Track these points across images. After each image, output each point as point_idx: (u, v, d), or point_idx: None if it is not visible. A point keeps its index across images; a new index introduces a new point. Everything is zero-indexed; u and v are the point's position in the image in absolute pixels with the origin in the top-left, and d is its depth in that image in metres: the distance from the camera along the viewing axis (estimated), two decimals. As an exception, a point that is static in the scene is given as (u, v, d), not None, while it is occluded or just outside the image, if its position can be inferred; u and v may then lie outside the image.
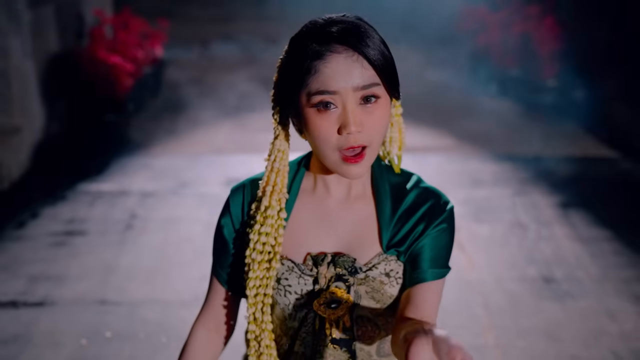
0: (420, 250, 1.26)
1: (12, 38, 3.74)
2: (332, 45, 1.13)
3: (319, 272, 1.26)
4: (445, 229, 1.27)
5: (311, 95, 1.14)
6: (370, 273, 1.26)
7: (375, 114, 1.15)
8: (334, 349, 1.29)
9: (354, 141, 1.13)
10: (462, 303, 2.70)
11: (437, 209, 1.26)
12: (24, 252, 3.06)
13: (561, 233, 3.25)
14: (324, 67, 1.13)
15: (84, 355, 2.39)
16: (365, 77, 1.12)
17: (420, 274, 1.26)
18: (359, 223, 1.28)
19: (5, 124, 3.80)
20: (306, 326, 1.29)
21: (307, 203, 1.29)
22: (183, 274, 2.88)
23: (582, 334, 2.52)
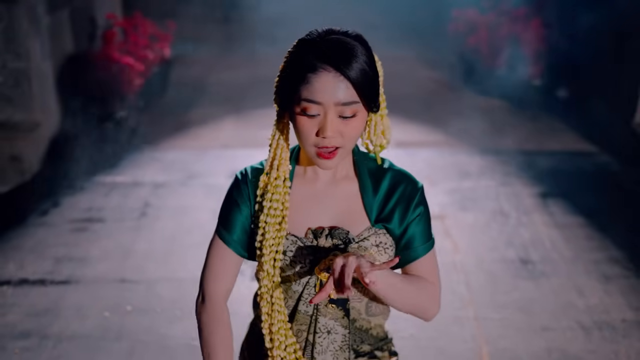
0: (411, 237, 1.55)
1: (32, 40, 4.02)
2: (324, 64, 1.42)
3: (319, 243, 1.55)
4: (424, 212, 1.56)
5: (300, 100, 1.41)
6: (363, 244, 1.55)
7: (350, 125, 1.43)
8: (332, 308, 1.57)
9: (328, 143, 1.41)
10: (446, 281, 2.97)
11: (412, 193, 1.55)
12: (48, 237, 3.34)
13: (539, 220, 3.54)
14: (315, 80, 1.39)
15: (107, 326, 2.68)
16: (347, 95, 1.39)
17: (414, 252, 1.55)
18: (346, 200, 1.57)
19: (26, 120, 4.08)
20: (308, 289, 1.56)
21: (300, 186, 1.57)
22: (194, 256, 3.16)
23: (553, 308, 2.81)
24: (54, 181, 3.93)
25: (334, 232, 1.54)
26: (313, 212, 1.56)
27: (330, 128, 1.39)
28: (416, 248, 1.55)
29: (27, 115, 4.07)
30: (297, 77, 1.39)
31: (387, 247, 1.55)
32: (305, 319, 1.58)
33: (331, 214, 1.57)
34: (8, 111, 4.07)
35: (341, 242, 1.53)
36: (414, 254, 1.55)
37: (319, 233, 1.54)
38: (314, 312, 1.57)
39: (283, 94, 1.47)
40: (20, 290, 2.89)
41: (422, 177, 3.96)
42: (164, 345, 2.56)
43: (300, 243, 1.54)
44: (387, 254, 1.56)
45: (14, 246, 3.24)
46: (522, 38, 5.20)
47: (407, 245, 1.55)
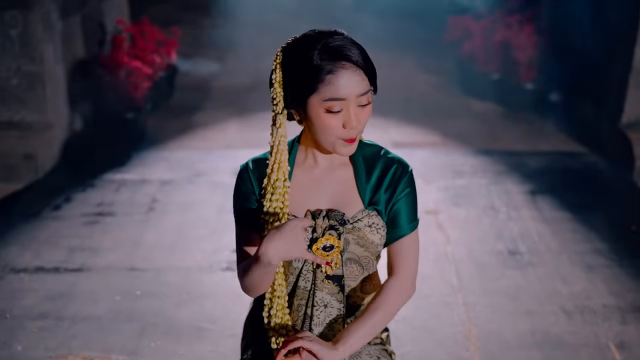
0: (396, 213, 1.74)
1: (46, 45, 4.21)
2: (341, 62, 1.58)
3: (317, 224, 1.72)
4: (410, 191, 1.74)
5: (324, 100, 1.57)
6: (357, 224, 1.73)
7: (365, 111, 1.62)
8: (328, 284, 1.75)
9: (354, 133, 1.60)
10: (438, 271, 3.16)
11: (401, 174, 1.73)
12: (61, 229, 3.53)
13: (528, 215, 3.71)
14: (335, 79, 1.56)
15: (119, 309, 2.85)
16: (363, 85, 1.57)
17: (400, 230, 1.74)
18: (342, 184, 1.75)
19: (40, 121, 4.27)
20: (307, 266, 1.74)
21: (301, 172, 1.75)
22: (200, 247, 3.35)
23: (538, 294, 2.98)
24: (65, 179, 4.12)
25: (331, 213, 1.72)
26: (312, 196, 1.74)
27: (355, 119, 1.57)
28: (401, 227, 1.73)
29: (40, 116, 4.27)
30: (315, 79, 1.53)
31: (379, 227, 1.73)
32: (304, 294, 1.76)
33: (328, 198, 1.75)
34: (22, 112, 4.27)
35: (337, 222, 1.71)
36: (400, 232, 1.73)
37: (317, 214, 1.72)
38: (311, 287, 1.75)
39: (294, 96, 1.63)
40: (37, 277, 3.08)
41: (418, 175, 4.15)
42: (172, 326, 2.73)
43: None
44: (379, 234, 1.74)
45: (29, 237, 3.43)
46: (515, 44, 5.38)
47: (393, 223, 1.73)
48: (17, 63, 4.18)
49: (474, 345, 2.62)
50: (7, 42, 4.13)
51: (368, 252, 1.77)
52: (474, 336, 2.68)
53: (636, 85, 4.27)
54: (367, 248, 1.76)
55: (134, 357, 2.53)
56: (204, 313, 2.81)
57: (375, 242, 1.75)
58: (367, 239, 1.74)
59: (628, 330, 2.72)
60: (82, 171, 4.20)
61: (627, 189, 4.10)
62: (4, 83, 4.22)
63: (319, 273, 1.75)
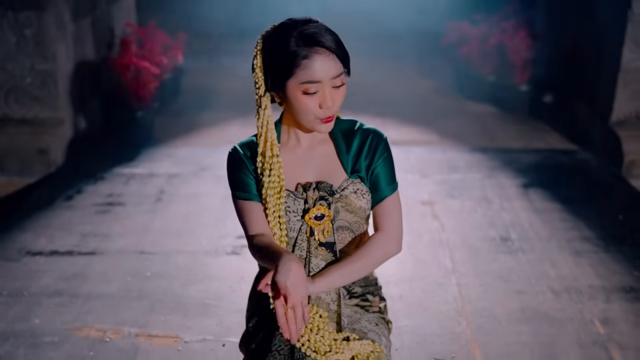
0: (376, 177, 1.91)
1: (59, 45, 4.40)
2: (315, 47, 1.75)
3: (308, 196, 1.89)
4: (387, 156, 1.91)
5: (300, 83, 1.74)
6: (343, 193, 1.89)
7: (340, 92, 1.78)
8: (322, 250, 1.92)
9: (330, 112, 1.77)
10: (432, 255, 3.32)
11: (377, 142, 1.90)
12: (74, 217, 3.69)
13: (520, 206, 3.87)
14: (310, 63, 1.73)
15: (130, 288, 3.01)
16: (337, 68, 1.74)
17: (382, 193, 1.91)
18: (325, 159, 1.92)
19: (52, 117, 4.45)
20: (302, 235, 1.90)
21: (286, 152, 1.91)
22: (205, 233, 3.51)
23: (528, 276, 3.13)
24: (77, 172, 4.29)
25: (320, 185, 1.88)
26: (299, 172, 1.90)
27: (330, 99, 1.74)
28: (382, 189, 1.90)
29: (52, 113, 4.45)
30: (291, 64, 1.67)
31: (364, 192, 1.90)
32: (300, 262, 1.93)
33: (315, 172, 1.91)
34: (35, 109, 4.45)
35: (326, 193, 1.87)
36: (381, 194, 1.90)
37: (307, 187, 1.88)
38: (307, 255, 1.91)
39: (273, 80, 1.79)
40: (52, 259, 3.24)
41: (415, 170, 4.32)
42: (180, 303, 2.88)
43: (292, 196, 1.88)
44: (365, 199, 1.90)
45: (44, 224, 3.59)
46: (510, 48, 5.56)
47: (374, 187, 1.89)
48: (31, 62, 4.36)
49: (466, 320, 2.77)
50: (22, 41, 4.32)
51: (357, 217, 1.93)
52: (467, 312, 2.83)
53: (624, 84, 4.44)
54: (356, 213, 1.92)
55: (145, 329, 2.69)
56: (210, 292, 2.97)
57: (363, 207, 1.92)
58: (354, 205, 1.90)
59: (612, 307, 2.87)
60: (93, 165, 4.37)
61: (616, 183, 4.26)
62: (18, 81, 4.40)
63: (313, 241, 1.91)
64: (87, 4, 4.87)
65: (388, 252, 1.95)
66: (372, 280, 2.13)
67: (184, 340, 2.62)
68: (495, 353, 2.56)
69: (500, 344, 2.61)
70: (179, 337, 2.64)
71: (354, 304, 2.07)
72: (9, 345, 2.58)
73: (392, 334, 2.57)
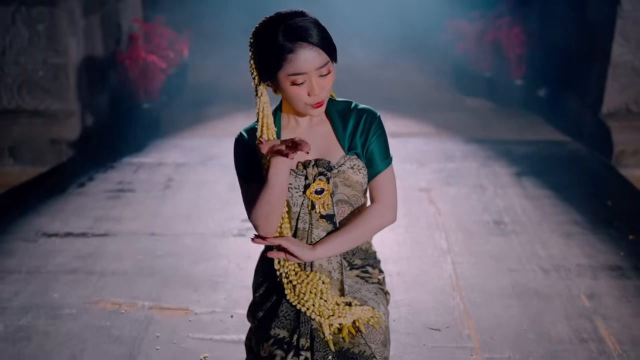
0: (371, 153, 2.08)
1: (70, 39, 4.57)
2: (299, 42, 1.94)
3: (308, 172, 2.07)
4: (381, 134, 2.09)
5: (288, 75, 1.92)
6: (341, 168, 2.07)
7: (327, 79, 1.96)
8: (323, 222, 2.09)
9: (319, 99, 1.94)
10: (429, 237, 3.49)
11: (371, 120, 2.08)
12: (87, 203, 3.86)
13: (513, 192, 4.04)
14: (295, 57, 1.91)
15: (142, 266, 3.18)
16: (321, 59, 1.91)
17: (376, 167, 2.09)
18: (323, 138, 2.10)
19: (63, 109, 4.62)
20: (304, 209, 2.08)
21: (287, 133, 2.09)
22: (213, 217, 3.68)
23: (519, 256, 3.30)
24: (87, 161, 4.47)
25: (319, 162, 2.06)
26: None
27: (318, 88, 1.92)
28: (377, 164, 2.08)
29: (64, 105, 4.62)
30: (279, 58, 1.84)
31: (360, 168, 2.08)
32: (303, 234, 2.09)
33: (314, 150, 2.09)
34: (47, 101, 4.62)
35: (325, 169, 2.05)
36: (376, 168, 2.08)
37: (307, 164, 2.06)
38: (309, 227, 2.08)
39: (265, 72, 1.97)
40: (67, 240, 3.41)
41: (413, 160, 4.49)
42: (190, 279, 3.06)
43: (293, 173, 2.06)
44: (361, 173, 2.08)
45: (58, 209, 3.76)
46: (505, 44, 5.73)
47: (369, 162, 2.07)
48: (43, 56, 4.54)
49: (460, 294, 2.94)
50: (35, 36, 4.49)
51: (355, 191, 2.11)
52: (460, 288, 3.00)
53: (614, 78, 4.62)
54: (354, 187, 2.10)
55: (157, 303, 2.86)
56: (218, 269, 3.14)
57: (360, 181, 2.10)
58: (352, 179, 2.08)
59: (598, 284, 3.04)
60: (103, 155, 4.55)
61: (606, 172, 4.43)
62: (30, 74, 4.58)
63: (314, 214, 2.09)
64: (97, 1, 5.05)
65: (384, 221, 2.13)
66: (372, 254, 2.30)
67: (194, 312, 2.79)
68: (487, 324, 2.73)
69: (491, 316, 2.78)
70: (189, 309, 2.81)
71: (354, 275, 2.24)
72: (30, 317, 2.75)
73: (391, 307, 2.75)
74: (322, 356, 1.99)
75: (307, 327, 2.02)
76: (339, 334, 2.03)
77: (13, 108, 4.62)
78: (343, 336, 2.02)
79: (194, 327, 2.68)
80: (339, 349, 2.01)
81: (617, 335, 2.65)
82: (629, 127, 4.61)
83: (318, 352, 1.99)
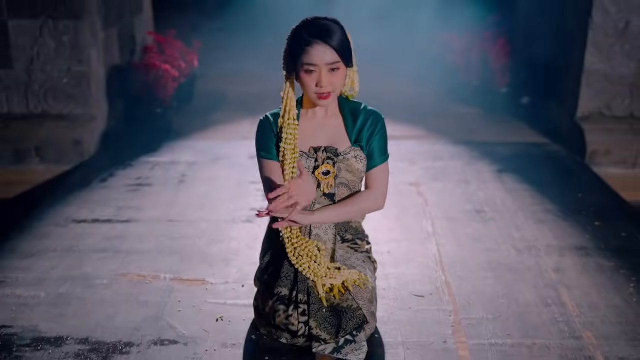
0: (373, 149, 2.54)
1: (92, 50, 5.02)
2: (317, 39, 2.39)
3: (317, 156, 2.52)
4: (383, 133, 2.54)
5: (303, 65, 2.39)
6: (346, 156, 2.52)
7: (336, 76, 2.41)
8: (325, 199, 2.53)
9: (325, 90, 2.38)
10: (417, 224, 3.90)
11: (377, 121, 2.53)
12: (110, 195, 4.28)
13: (494, 187, 4.47)
14: (311, 49, 2.38)
15: (163, 245, 3.59)
16: (332, 57, 2.37)
17: (375, 161, 2.54)
18: (334, 129, 2.55)
19: (86, 113, 5.06)
20: None
21: (304, 122, 2.54)
22: (224, 206, 4.10)
23: (496, 238, 3.71)
24: (108, 160, 4.89)
25: (328, 148, 2.51)
26: (313, 137, 2.54)
27: (324, 80, 2.37)
28: (375, 159, 2.54)
29: (86, 109, 5.06)
30: (299, 50, 2.35)
31: (362, 158, 2.53)
32: (307, 207, 2.53)
33: (325, 138, 2.54)
34: (71, 106, 5.06)
35: (332, 155, 2.51)
36: (374, 162, 2.54)
37: (318, 149, 2.51)
38: (313, 202, 2.52)
39: (289, 62, 2.43)
40: (94, 226, 3.83)
41: (405, 159, 4.92)
42: (205, 257, 3.46)
43: (305, 156, 2.50)
44: (362, 163, 2.53)
45: (84, 200, 4.19)
46: (491, 55, 6.19)
47: (370, 155, 2.53)
48: (67, 65, 4.98)
49: (442, 269, 3.36)
50: (60, 47, 4.94)
51: (355, 177, 2.57)
52: (443, 263, 3.41)
53: (588, 85, 5.07)
54: (354, 174, 2.55)
55: (178, 275, 3.27)
56: (230, 249, 3.55)
57: (360, 169, 2.55)
58: (354, 167, 2.54)
59: (565, 260, 3.46)
60: (121, 155, 4.98)
61: (580, 169, 4.87)
62: (56, 82, 5.02)
63: (319, 191, 2.54)
64: (115, 16, 5.51)
65: (373, 205, 2.58)
66: (361, 231, 2.76)
67: (210, 282, 3.20)
68: (465, 292, 3.14)
69: (469, 286, 3.19)
70: (206, 280, 3.22)
71: (345, 246, 2.68)
72: (68, 286, 3.16)
73: (381, 279, 3.18)
74: (317, 308, 2.42)
75: (305, 285, 2.45)
76: (331, 293, 2.46)
77: (39, 112, 5.06)
78: (334, 294, 2.45)
79: (210, 295, 3.09)
80: (330, 305, 2.44)
81: (576, 300, 3.06)
82: (602, 129, 5.05)
83: (314, 304, 2.42)
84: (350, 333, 2.43)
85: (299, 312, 2.43)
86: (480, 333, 2.79)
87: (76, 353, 2.63)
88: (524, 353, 2.66)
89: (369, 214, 2.67)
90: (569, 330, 2.82)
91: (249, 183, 4.43)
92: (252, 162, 4.80)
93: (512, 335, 2.78)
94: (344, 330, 2.40)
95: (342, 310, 2.45)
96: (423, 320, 2.87)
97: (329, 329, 2.40)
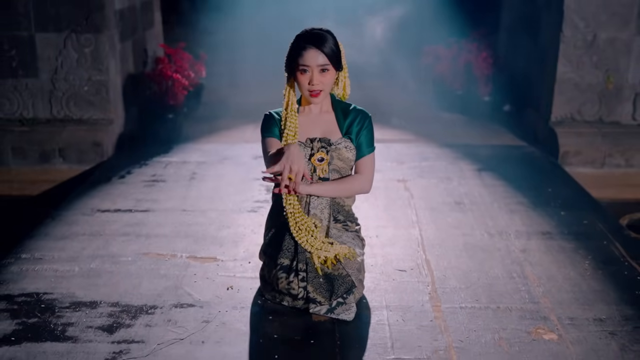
0: (361, 141, 3.05)
1: (110, 60, 5.54)
2: (310, 45, 2.91)
3: (313, 145, 3.03)
4: (370, 128, 3.06)
5: (298, 65, 2.91)
6: (338, 146, 3.04)
7: (326, 77, 2.93)
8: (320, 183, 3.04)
9: (315, 88, 2.91)
10: (402, 213, 4.39)
11: (365, 118, 3.05)
12: (129, 189, 4.78)
13: (473, 183, 4.96)
14: (305, 54, 2.91)
15: (178, 230, 4.07)
16: (323, 60, 2.89)
17: (363, 151, 3.06)
18: (328, 123, 3.07)
19: (104, 118, 5.57)
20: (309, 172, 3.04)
21: (302, 117, 3.05)
22: (230, 198, 4.59)
23: (472, 225, 4.20)
24: (124, 160, 5.39)
25: (322, 139, 3.03)
26: (310, 129, 3.05)
27: (315, 79, 2.90)
28: (363, 150, 3.05)
29: (104, 114, 5.57)
30: (296, 54, 2.88)
31: (352, 148, 3.04)
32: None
33: (320, 130, 3.06)
34: (91, 112, 5.56)
35: (326, 144, 3.02)
36: (362, 152, 3.05)
37: (313, 139, 3.02)
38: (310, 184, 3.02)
39: (289, 64, 2.95)
40: (117, 214, 4.32)
41: (393, 160, 5.43)
42: (216, 239, 3.94)
43: (302, 145, 3.02)
44: (351, 152, 3.04)
45: (106, 193, 4.68)
46: (475, 66, 6.72)
47: (359, 147, 3.04)
48: (88, 74, 5.49)
49: (423, 250, 3.84)
50: (82, 57, 5.46)
51: (345, 165, 3.08)
52: (424, 245, 3.90)
53: (560, 93, 5.59)
54: (345, 162, 3.07)
55: (193, 254, 3.75)
56: (237, 233, 4.04)
57: (349, 158, 3.07)
58: (344, 155, 3.05)
59: (530, 242, 3.94)
60: (137, 155, 5.48)
61: (552, 168, 5.37)
62: (77, 89, 5.53)
63: (314, 176, 3.04)
64: (129, 30, 6.03)
65: (361, 186, 3.10)
66: (352, 214, 3.27)
67: (221, 260, 3.68)
68: (441, 267, 3.62)
69: (445, 263, 3.68)
70: (217, 258, 3.70)
71: (338, 226, 3.18)
72: (98, 262, 3.65)
73: (369, 257, 3.66)
74: (313, 276, 2.92)
75: (304, 256, 2.95)
76: (325, 264, 2.96)
77: (62, 117, 5.56)
78: (327, 265, 2.95)
79: (222, 269, 3.57)
80: (324, 273, 2.94)
81: (538, 274, 3.55)
82: (573, 132, 5.56)
83: (311, 272, 2.92)
84: (341, 296, 2.93)
85: (299, 278, 2.92)
86: (453, 299, 3.27)
87: (109, 313, 3.11)
88: (489, 315, 3.14)
89: (358, 201, 3.18)
90: (529, 297, 3.30)
91: (252, 179, 4.92)
92: (255, 161, 5.30)
93: (479, 300, 3.26)
94: (335, 294, 2.90)
95: (334, 277, 2.95)
96: (404, 289, 3.35)
97: (324, 293, 2.89)
